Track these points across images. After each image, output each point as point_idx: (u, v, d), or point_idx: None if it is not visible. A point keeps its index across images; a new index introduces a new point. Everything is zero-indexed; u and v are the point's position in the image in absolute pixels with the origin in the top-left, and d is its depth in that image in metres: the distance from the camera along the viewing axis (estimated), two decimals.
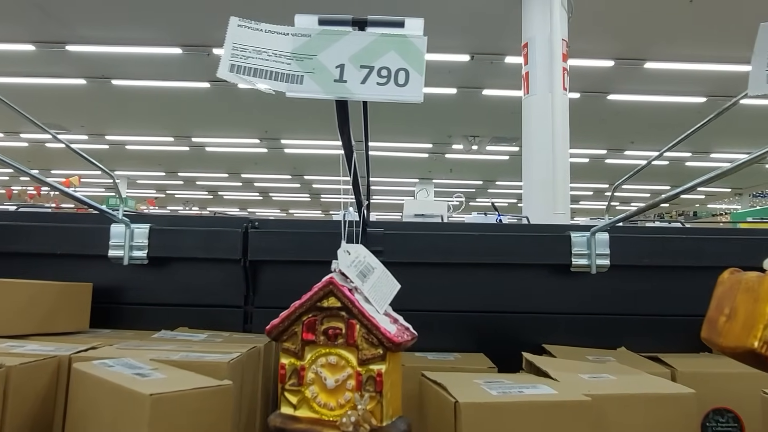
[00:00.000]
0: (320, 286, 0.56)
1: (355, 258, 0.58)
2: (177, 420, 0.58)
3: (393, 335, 0.53)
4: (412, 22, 0.50)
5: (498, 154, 11.23)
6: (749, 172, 12.17)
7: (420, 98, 0.48)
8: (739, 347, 0.56)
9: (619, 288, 1.22)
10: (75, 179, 10.18)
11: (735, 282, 0.62)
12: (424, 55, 0.49)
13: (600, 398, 0.76)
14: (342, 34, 0.50)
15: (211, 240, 1.21)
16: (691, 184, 0.82)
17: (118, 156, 13.41)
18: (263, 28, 0.50)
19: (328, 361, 0.55)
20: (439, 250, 1.19)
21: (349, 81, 0.49)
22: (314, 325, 0.56)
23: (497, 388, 0.77)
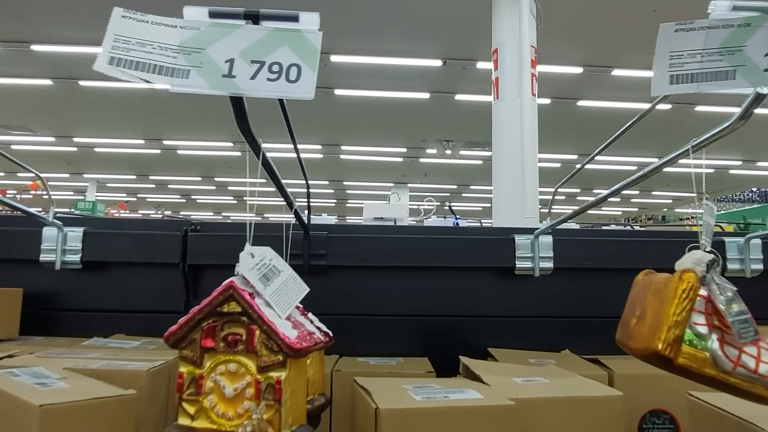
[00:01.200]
0: (220, 290, 0.54)
1: (259, 261, 0.56)
2: (68, 430, 0.54)
3: (292, 341, 0.51)
4: (307, 16, 0.48)
5: (471, 159, 11.30)
6: (714, 178, 12.51)
7: (311, 95, 0.46)
8: (646, 349, 0.55)
9: (562, 290, 1.22)
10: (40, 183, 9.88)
11: (647, 283, 0.62)
12: (318, 51, 0.47)
13: (527, 402, 0.76)
14: (233, 27, 0.48)
15: (148, 244, 1.17)
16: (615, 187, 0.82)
17: (87, 158, 13.09)
18: (150, 19, 0.48)
19: (227, 368, 0.53)
20: (384, 254, 1.18)
21: (238, 76, 0.47)
22: (214, 331, 0.54)
23: (423, 393, 0.76)
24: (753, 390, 0.54)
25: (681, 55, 0.53)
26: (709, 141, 0.59)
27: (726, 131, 0.56)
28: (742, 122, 0.55)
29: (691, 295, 0.54)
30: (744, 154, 10.82)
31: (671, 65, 0.53)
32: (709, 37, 0.52)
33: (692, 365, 0.54)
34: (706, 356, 0.54)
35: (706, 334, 0.54)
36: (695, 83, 0.53)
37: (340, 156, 11.72)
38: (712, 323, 0.55)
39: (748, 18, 0.52)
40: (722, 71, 0.53)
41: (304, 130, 10.29)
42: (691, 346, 0.54)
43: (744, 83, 0.53)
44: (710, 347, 0.54)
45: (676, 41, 0.53)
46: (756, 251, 1.19)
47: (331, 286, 1.21)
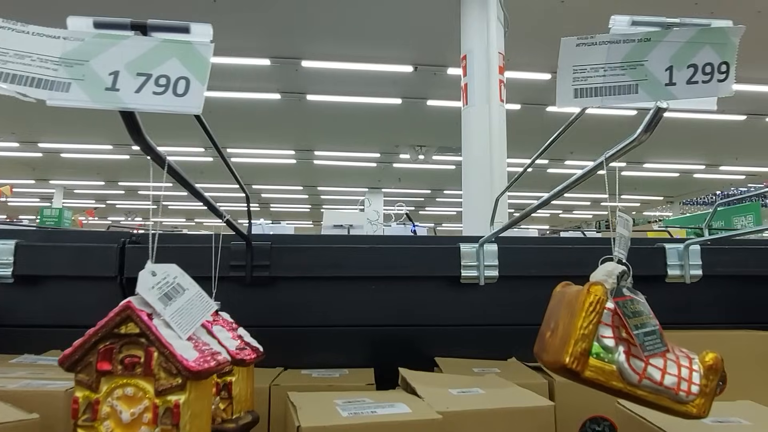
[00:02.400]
0: (116, 310, 0.52)
1: (161, 279, 0.54)
2: None
3: (190, 363, 0.49)
4: (199, 27, 0.46)
5: (444, 164, 11.37)
6: (679, 182, 12.86)
7: (198, 109, 0.45)
8: (556, 363, 0.55)
9: (509, 298, 1.22)
10: (6, 189, 9.61)
11: (561, 296, 0.62)
12: (209, 64, 0.46)
13: (456, 415, 0.75)
14: (119, 38, 0.46)
15: (84, 257, 1.13)
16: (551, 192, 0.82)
17: (53, 164, 12.74)
18: (30, 30, 0.46)
19: (124, 392, 0.51)
20: (329, 264, 1.16)
21: (122, 89, 0.45)
22: (111, 354, 0.51)
23: (352, 409, 0.74)
24: (659, 402, 0.54)
25: (584, 69, 0.53)
26: (619, 154, 0.60)
27: (633, 144, 0.57)
28: (647, 135, 0.55)
29: (598, 308, 0.54)
30: (707, 159, 11.15)
31: (575, 79, 0.53)
32: (611, 51, 0.53)
33: (599, 378, 0.54)
34: (613, 369, 0.54)
35: (613, 347, 0.54)
36: (599, 97, 0.54)
37: (314, 162, 11.66)
38: (619, 336, 0.55)
39: (647, 33, 0.52)
40: (625, 85, 0.53)
41: (277, 136, 10.22)
42: (599, 359, 0.54)
43: (646, 97, 0.53)
44: (617, 360, 0.54)
45: (579, 55, 0.53)
46: (695, 257, 1.21)
47: (276, 297, 1.19)
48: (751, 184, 12.75)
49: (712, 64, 0.53)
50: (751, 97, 7.53)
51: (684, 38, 0.53)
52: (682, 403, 0.54)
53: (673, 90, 0.53)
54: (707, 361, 0.56)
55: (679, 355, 0.57)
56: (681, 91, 0.53)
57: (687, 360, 0.56)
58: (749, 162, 11.27)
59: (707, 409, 0.55)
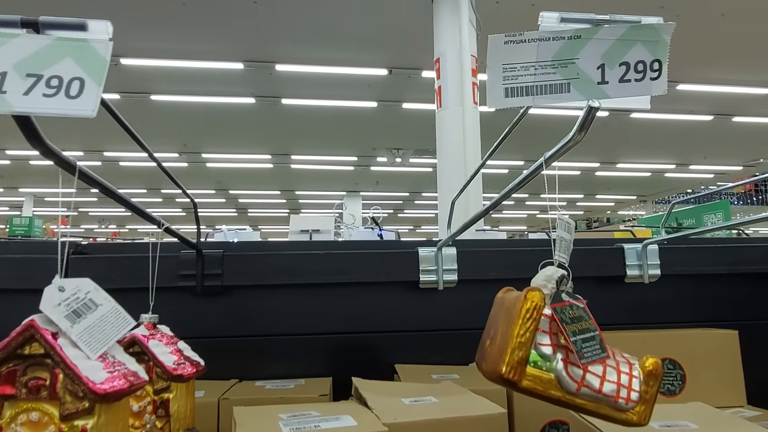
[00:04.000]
0: (19, 330, 0.48)
1: (70, 296, 0.50)
2: None
3: (97, 385, 0.46)
4: (97, 24, 0.43)
5: (421, 166, 11.39)
6: (650, 181, 13.10)
7: (92, 112, 0.42)
8: (493, 372, 0.53)
9: (469, 302, 1.20)
10: None
11: (502, 302, 0.60)
12: (106, 63, 0.43)
13: (403, 426, 0.73)
14: (9, 36, 0.42)
15: (25, 268, 1.08)
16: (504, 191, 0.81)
17: (21, 172, 12.41)
18: None
19: (29, 417, 0.47)
20: (283, 271, 1.13)
21: (9, 92, 0.41)
22: (15, 377, 0.48)
23: (295, 423, 0.71)
24: (599, 410, 0.53)
25: (514, 67, 0.51)
26: (558, 154, 0.58)
27: (570, 144, 0.55)
28: (582, 134, 0.54)
29: (535, 315, 0.53)
30: (677, 158, 11.39)
31: (505, 78, 0.52)
32: (541, 49, 0.51)
33: (537, 387, 0.52)
34: (551, 377, 0.52)
35: (550, 355, 0.53)
36: (530, 96, 0.52)
37: (291, 165, 11.57)
38: (557, 343, 0.53)
39: (578, 30, 0.51)
40: (556, 84, 0.52)
41: (253, 140, 10.10)
42: (536, 367, 0.52)
43: (578, 96, 0.52)
44: (555, 368, 0.52)
45: (508, 53, 0.51)
46: (653, 257, 1.21)
47: (229, 306, 1.15)
48: (720, 183, 13.06)
49: (645, 62, 0.52)
50: (717, 98, 7.72)
51: (615, 35, 0.51)
52: (621, 411, 0.53)
53: (605, 89, 0.52)
54: (647, 366, 0.55)
55: (620, 360, 0.55)
56: (613, 90, 0.52)
57: (627, 366, 0.55)
58: (717, 161, 11.54)
59: (648, 416, 0.54)
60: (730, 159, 11.37)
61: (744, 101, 7.91)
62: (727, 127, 9.04)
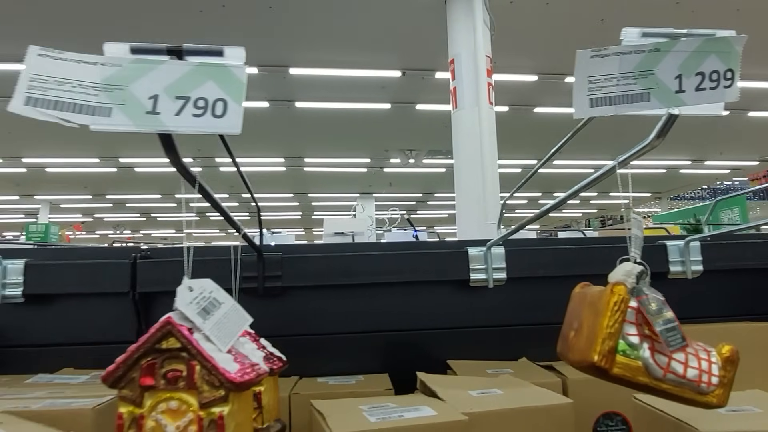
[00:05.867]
0: (157, 326, 0.53)
1: (198, 294, 0.55)
2: None
3: (233, 375, 0.51)
4: (232, 50, 0.48)
5: (435, 167, 11.44)
6: (665, 177, 13.03)
7: (237, 130, 0.46)
8: (584, 361, 0.57)
9: (517, 299, 1.25)
10: None
11: (582, 296, 0.64)
12: (244, 85, 0.47)
13: (480, 416, 0.77)
14: (156, 63, 0.47)
15: (95, 273, 1.14)
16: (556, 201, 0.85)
17: (38, 179, 12.60)
18: (68, 57, 0.47)
19: (168, 406, 0.52)
20: (339, 272, 1.18)
21: (163, 113, 0.46)
22: (154, 369, 0.53)
23: (378, 413, 0.76)
24: (683, 394, 0.57)
25: (598, 79, 0.56)
26: (632, 157, 0.62)
27: (646, 149, 0.59)
28: (659, 140, 0.58)
29: (622, 307, 0.57)
30: (692, 155, 11.32)
31: (590, 89, 0.56)
32: (623, 62, 0.55)
33: (626, 374, 0.56)
34: (638, 365, 0.56)
35: (637, 344, 0.57)
36: (613, 105, 0.56)
37: (304, 168, 11.66)
38: (642, 333, 0.57)
39: (657, 44, 0.55)
40: (637, 94, 0.56)
41: (266, 144, 10.21)
42: (625, 356, 0.57)
43: (657, 104, 0.56)
44: (642, 356, 0.56)
45: (593, 67, 0.56)
46: (696, 253, 1.24)
47: (287, 307, 1.20)
48: (736, 178, 12.95)
49: (718, 72, 0.56)
50: None
51: (691, 48, 0.55)
52: (703, 395, 0.57)
53: (683, 97, 0.56)
54: (724, 353, 0.59)
55: (697, 348, 0.59)
56: (690, 98, 0.56)
57: (705, 353, 0.59)
58: (733, 156, 11.46)
59: (726, 399, 0.58)
60: (746, 154, 11.28)
61: (759, 96, 7.86)
62: (743, 122, 8.99)
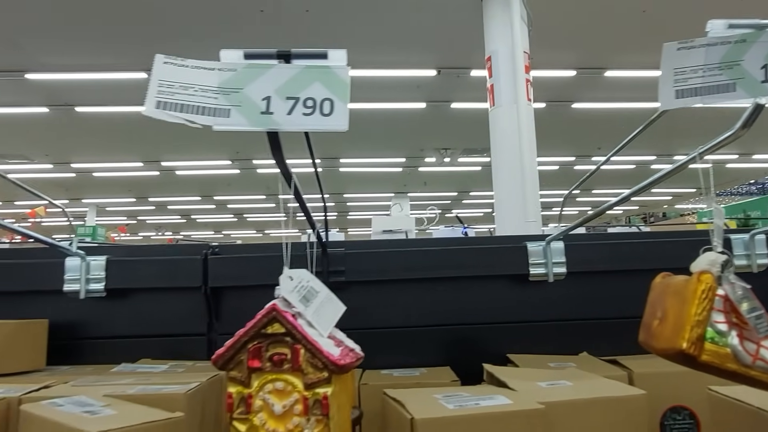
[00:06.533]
0: (263, 313, 0.57)
1: (298, 283, 0.59)
2: None
3: (336, 358, 0.54)
4: (335, 53, 0.51)
5: (470, 166, 11.37)
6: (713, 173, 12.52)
7: (344, 126, 0.50)
8: (671, 348, 0.58)
9: (577, 294, 1.25)
10: (41, 209, 9.96)
11: (665, 286, 0.65)
12: (348, 85, 0.51)
13: (554, 405, 0.78)
14: (267, 67, 0.51)
15: (170, 269, 1.20)
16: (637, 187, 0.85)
17: (86, 184, 13.13)
18: (189, 64, 0.51)
19: (275, 387, 0.56)
20: (401, 267, 1.21)
21: (276, 112, 0.50)
22: (260, 352, 0.57)
23: (455, 401, 0.78)
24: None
25: (684, 71, 0.57)
26: (715, 148, 0.63)
27: (730, 139, 0.60)
28: (744, 130, 0.58)
29: (710, 295, 0.57)
30: (740, 148, 10.89)
31: (676, 81, 0.57)
32: (709, 53, 0.56)
33: (715, 361, 0.57)
34: (727, 352, 0.57)
35: (726, 331, 0.57)
36: (699, 96, 0.57)
37: (340, 169, 11.77)
38: (730, 320, 0.58)
39: (743, 35, 0.56)
40: (723, 84, 0.57)
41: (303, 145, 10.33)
42: (713, 343, 0.57)
43: (743, 95, 0.56)
44: (731, 343, 0.57)
45: (679, 59, 0.56)
46: (761, 246, 1.22)
47: (350, 301, 1.22)
48: None
49: None
50: None
51: None
52: None
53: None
54: None
55: None
56: None
57: None
58: None
59: None
60: None
61: None
62: None
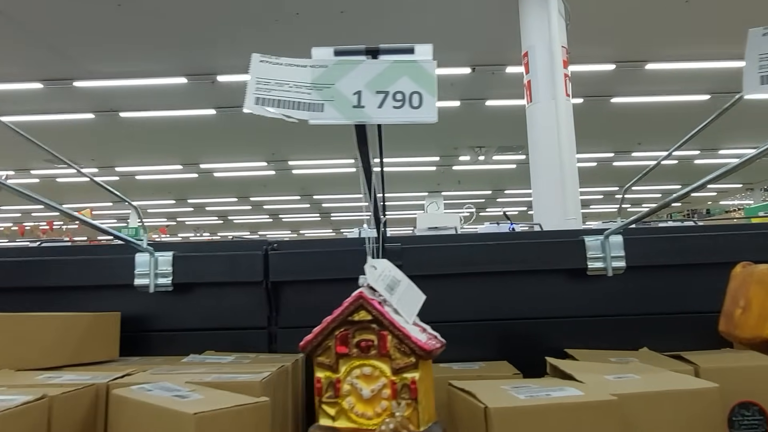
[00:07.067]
0: (350, 300, 0.59)
1: (381, 272, 0.60)
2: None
3: (424, 344, 0.56)
4: (421, 48, 0.53)
5: (505, 164, 11.25)
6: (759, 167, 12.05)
7: (434, 118, 0.51)
8: (757, 337, 0.58)
9: (636, 289, 1.23)
10: (87, 212, 10.37)
11: (747, 275, 0.64)
12: (435, 78, 0.52)
13: (626, 397, 0.78)
14: (357, 63, 0.53)
15: (233, 264, 1.24)
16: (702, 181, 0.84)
17: (129, 187, 13.60)
18: (283, 62, 0.54)
19: (362, 372, 0.58)
20: (457, 261, 1.21)
21: (367, 106, 0.52)
22: (347, 339, 0.59)
23: (525, 392, 0.79)
24: None
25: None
26: None
27: None
28: None
29: None
30: None
31: (761, 67, 0.56)
32: None
33: None
34: None
35: None
36: None
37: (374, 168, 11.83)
38: None
39: None
40: None
41: (338, 145, 10.46)
42: None
43: None
44: None
45: (764, 44, 0.56)
46: None
47: None
48: None
49: None
50: None
51: None
52: None
53: None
54: None
55: None
56: None
57: None
58: None
59: None
60: None
61: None
62: None
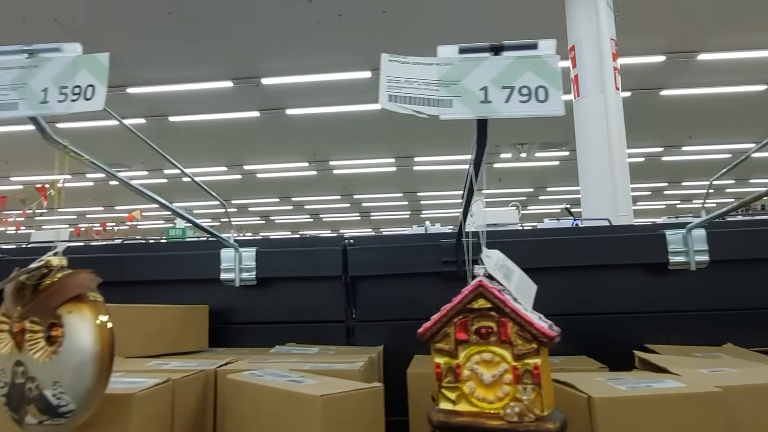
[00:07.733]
0: (470, 289, 0.61)
1: (496, 261, 0.63)
2: (343, 419, 0.63)
3: (547, 330, 0.58)
4: (545, 43, 0.55)
5: (547, 160, 11.05)
6: None
7: (561, 111, 0.53)
8: None
9: (719, 283, 1.21)
10: (137, 213, 10.80)
11: None
12: (559, 72, 0.54)
13: (729, 390, 0.77)
14: (481, 60, 0.55)
15: (314, 259, 1.29)
16: None
17: (176, 189, 14.07)
18: (410, 60, 0.56)
19: (482, 358, 0.60)
20: (536, 256, 1.22)
21: (494, 101, 0.54)
22: (466, 326, 0.61)
23: (624, 384, 0.79)
24: None
25: None
26: None
27: None
28: None
29: None
30: None
31: None
32: None
33: None
34: None
35: None
36: None
37: (414, 168, 11.85)
38: None
39: None
40: None
41: (378, 145, 10.53)
42: None
43: None
44: None
45: None
46: None
47: None
48: None
49: None
50: None
51: None
52: None
53: None
54: None
55: None
56: None
57: None
58: None
59: None
60: None
61: None
62: None
